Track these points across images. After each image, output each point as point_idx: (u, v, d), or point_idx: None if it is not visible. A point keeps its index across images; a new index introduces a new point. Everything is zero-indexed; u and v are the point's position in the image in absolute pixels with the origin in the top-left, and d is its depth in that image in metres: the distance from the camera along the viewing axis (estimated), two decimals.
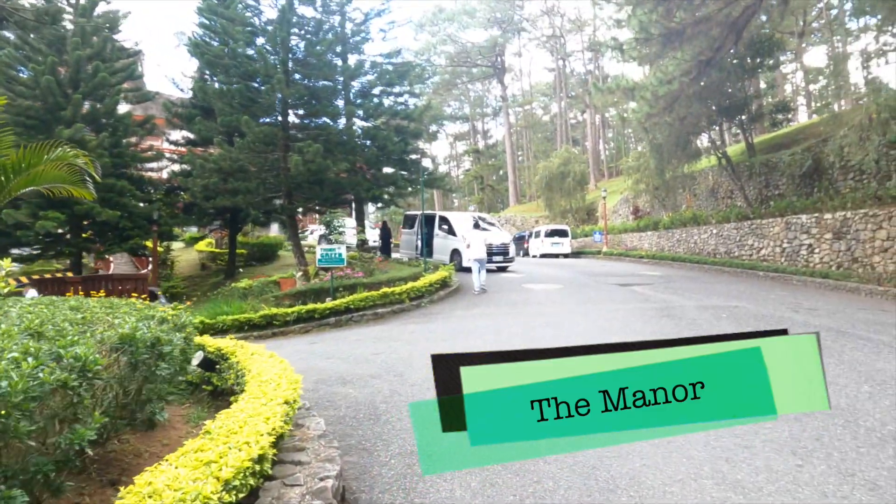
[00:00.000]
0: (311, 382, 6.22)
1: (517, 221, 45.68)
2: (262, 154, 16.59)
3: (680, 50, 15.07)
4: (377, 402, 5.22)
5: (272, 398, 2.94)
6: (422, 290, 13.23)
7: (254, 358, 4.16)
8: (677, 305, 10.73)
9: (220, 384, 4.49)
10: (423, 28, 58.27)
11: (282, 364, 3.97)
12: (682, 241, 22.67)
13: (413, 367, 6.80)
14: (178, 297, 20.44)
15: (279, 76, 15.28)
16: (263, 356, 4.29)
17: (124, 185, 19.70)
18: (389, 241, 22.21)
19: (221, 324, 12.42)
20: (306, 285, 14.17)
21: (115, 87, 20.69)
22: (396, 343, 8.78)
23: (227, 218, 23.46)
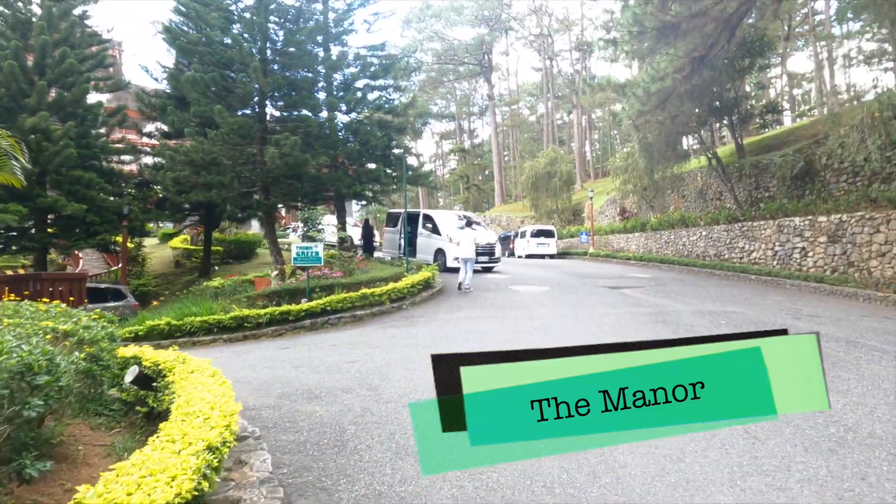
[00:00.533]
0: (274, 398, 5.53)
1: (503, 221, 45.18)
2: (237, 147, 15.76)
3: (674, 46, 14.59)
4: (345, 424, 4.54)
5: (193, 441, 2.25)
6: (403, 292, 12.56)
7: (191, 378, 3.47)
8: (671, 310, 10.19)
9: (156, 406, 3.80)
10: (409, 24, 57.49)
11: (222, 386, 3.28)
12: (671, 243, 22.27)
13: (390, 378, 6.14)
14: (148, 295, 19.53)
15: (255, 64, 14.48)
16: (203, 374, 3.60)
17: (92, 178, 18.73)
18: (372, 240, 21.43)
19: (189, 325, 11.66)
20: (281, 285, 13.42)
21: (84, 75, 19.68)
22: (374, 350, 8.11)
23: (203, 214, 22.55)
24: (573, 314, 10.14)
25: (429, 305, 12.34)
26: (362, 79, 19.97)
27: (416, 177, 21.50)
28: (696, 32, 14.57)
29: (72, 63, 18.97)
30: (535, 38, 57.00)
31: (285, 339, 10.43)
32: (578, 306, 11.18)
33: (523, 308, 11.15)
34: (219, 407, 2.68)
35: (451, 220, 18.88)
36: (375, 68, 19.70)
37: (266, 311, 11.51)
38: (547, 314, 10.33)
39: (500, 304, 11.72)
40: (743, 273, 15.94)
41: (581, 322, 9.36)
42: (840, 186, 15.82)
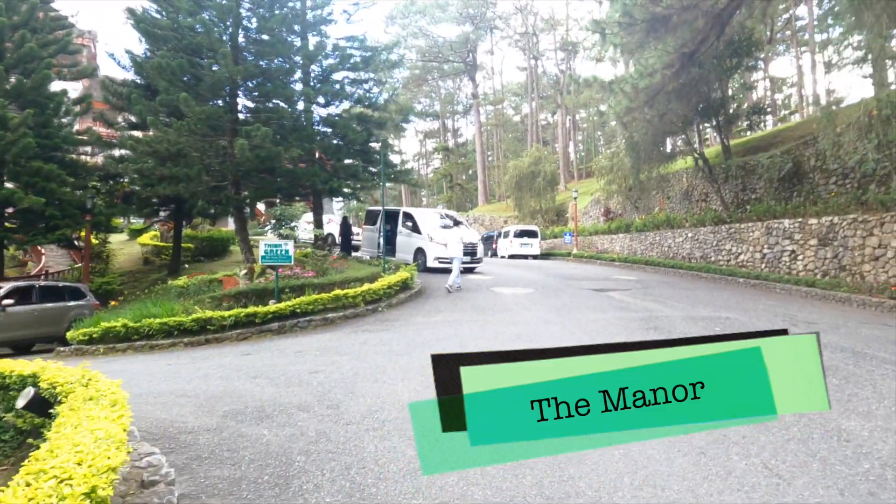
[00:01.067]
0: (218, 417, 4.80)
1: (486, 221, 44.61)
2: (206, 138, 14.87)
3: (663, 40, 14.10)
4: (294, 454, 3.83)
5: None
6: (379, 293, 11.85)
7: (82, 410, 2.73)
8: (662, 316, 9.64)
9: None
10: (394, 20, 56.57)
11: (117, 424, 2.53)
12: (656, 245, 21.86)
13: (355, 393, 5.44)
14: (112, 294, 18.53)
15: (224, 50, 13.65)
16: (101, 405, 2.85)
17: (52, 170, 17.64)
18: (350, 238, 20.61)
19: (147, 328, 10.87)
20: (249, 285, 12.62)
21: (45, 61, 18.60)
22: (343, 357, 7.40)
23: (173, 209, 21.56)
24: (559, 319, 9.53)
25: (406, 308, 11.65)
26: (341, 71, 19.20)
27: (396, 174, 20.78)
28: (687, 27, 14.09)
29: (31, 47, 17.91)
30: (521, 38, 56.52)
31: (250, 344, 9.66)
32: (564, 310, 10.58)
33: (506, 312, 10.51)
34: (94, 460, 1.96)
35: (433, 219, 18.19)
36: (355, 60, 18.93)
37: (231, 313, 10.73)
38: (531, 319, 9.71)
39: (481, 307, 11.08)
40: (731, 276, 15.52)
41: (567, 328, 8.75)
42: (829, 189, 15.49)
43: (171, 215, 22.29)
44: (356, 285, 12.30)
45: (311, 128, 17.29)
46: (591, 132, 65.33)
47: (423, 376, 5.80)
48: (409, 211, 18.96)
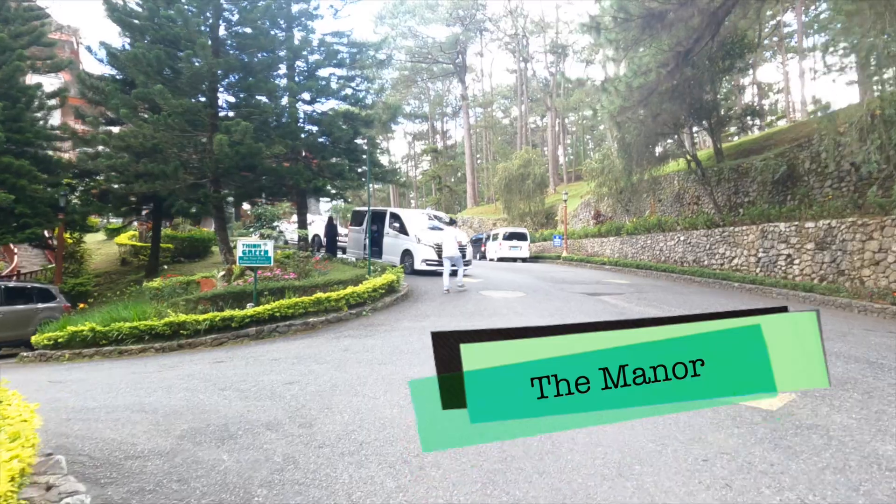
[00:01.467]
0: (175, 437, 4.24)
1: (475, 223, 44.19)
2: (185, 133, 14.23)
3: (658, 38, 13.75)
4: (255, 486, 3.29)
5: None
6: (364, 297, 11.31)
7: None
8: None
9: None
10: (383, 20, 55.98)
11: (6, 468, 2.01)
12: (647, 248, 21.52)
13: (331, 409, 4.91)
14: (85, 296, 17.76)
15: (202, 41, 13.03)
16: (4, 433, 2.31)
17: (23, 166, 16.85)
18: (335, 240, 20.01)
19: (116, 332, 10.27)
20: (227, 287, 12.01)
21: (16, 52, 17.81)
22: (321, 366, 6.86)
23: (152, 208, 20.82)
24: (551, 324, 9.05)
25: (391, 312, 11.12)
26: (327, 67, 18.63)
27: (383, 173, 20.24)
28: (682, 25, 13.76)
29: (1, 38, 17.15)
30: (511, 40, 56.26)
31: (224, 350, 9.08)
32: (556, 315, 10.12)
33: (496, 317, 10.02)
34: None
35: (420, 220, 17.67)
36: (342, 56, 18.39)
37: (206, 316, 10.13)
38: (522, 323, 9.21)
39: (470, 312, 10.58)
40: (725, 280, 15.17)
41: None
42: (825, 192, 15.22)
43: (149, 214, 21.55)
44: (340, 288, 11.74)
45: (296, 125, 16.70)
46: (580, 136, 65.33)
47: (408, 390, 5.27)
48: (396, 212, 18.42)
